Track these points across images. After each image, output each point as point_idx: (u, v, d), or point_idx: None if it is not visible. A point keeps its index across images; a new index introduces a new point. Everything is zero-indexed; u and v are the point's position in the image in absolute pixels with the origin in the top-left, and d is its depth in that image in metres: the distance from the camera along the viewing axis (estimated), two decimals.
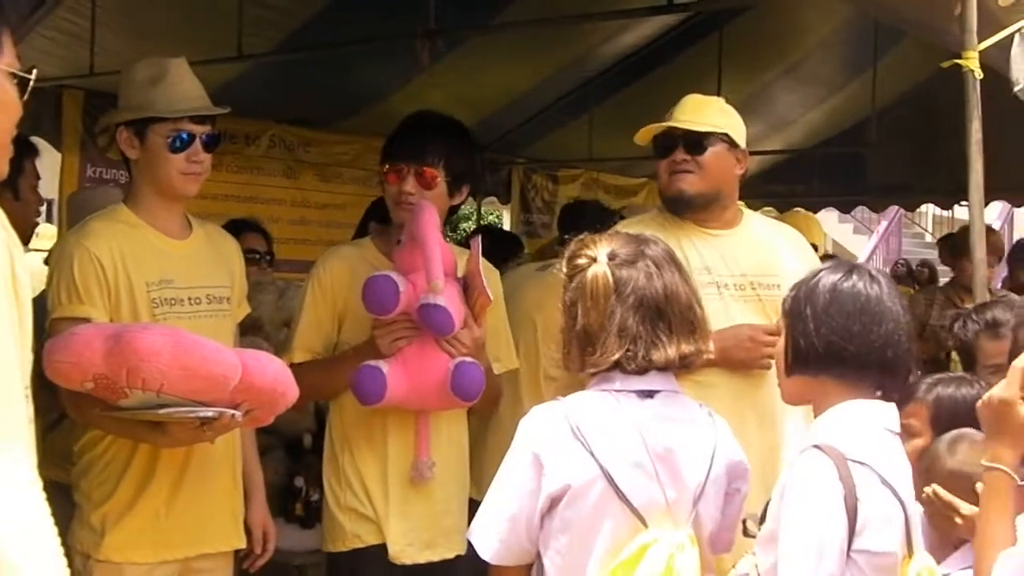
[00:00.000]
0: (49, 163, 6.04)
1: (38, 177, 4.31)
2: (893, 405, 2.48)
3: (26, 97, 2.02)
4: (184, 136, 3.21)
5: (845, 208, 12.73)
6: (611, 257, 2.55)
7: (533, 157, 9.66)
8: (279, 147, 7.87)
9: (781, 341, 2.55)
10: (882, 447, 2.41)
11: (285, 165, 7.93)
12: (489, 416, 4.13)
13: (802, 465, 2.38)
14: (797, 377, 2.51)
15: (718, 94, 7.18)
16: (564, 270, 2.62)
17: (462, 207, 4.11)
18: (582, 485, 2.44)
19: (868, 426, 2.42)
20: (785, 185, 9.64)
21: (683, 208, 3.63)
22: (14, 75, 1.98)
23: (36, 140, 5.27)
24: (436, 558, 3.48)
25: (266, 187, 7.81)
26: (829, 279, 2.49)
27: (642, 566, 2.40)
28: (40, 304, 2.89)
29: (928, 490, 2.72)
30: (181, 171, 3.23)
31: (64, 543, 1.81)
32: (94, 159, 6.88)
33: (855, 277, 2.48)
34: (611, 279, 2.52)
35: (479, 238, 3.53)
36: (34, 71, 2.01)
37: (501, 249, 5.38)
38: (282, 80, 6.87)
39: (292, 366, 3.20)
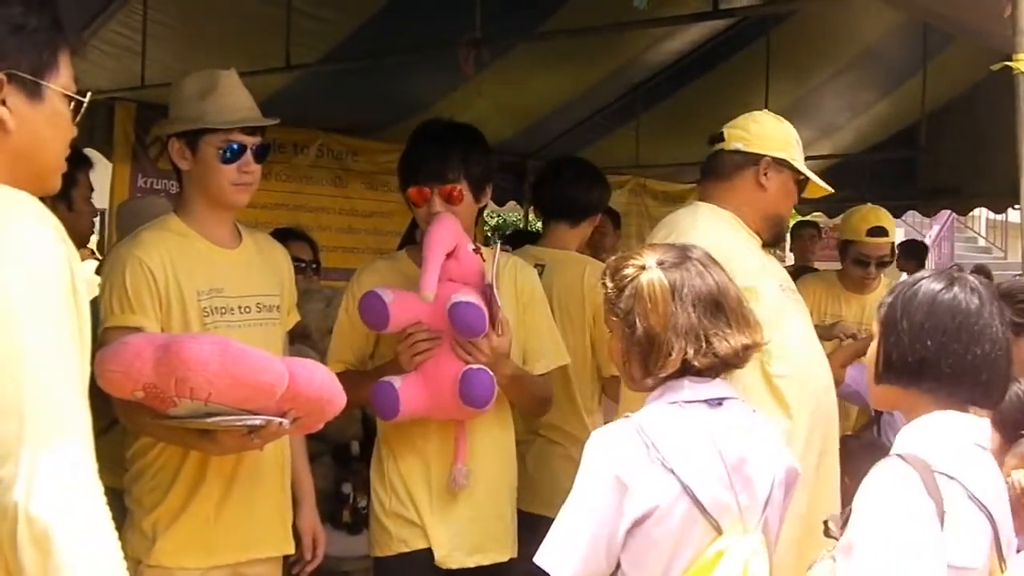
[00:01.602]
0: (100, 174, 6.12)
1: (91, 188, 4.37)
2: (986, 420, 2.41)
3: (79, 118, 2.07)
4: (235, 147, 3.25)
5: (896, 213, 12.54)
6: (660, 263, 2.57)
7: None
8: (327, 156, 7.94)
9: (873, 347, 2.49)
10: (971, 461, 2.34)
11: (333, 174, 8.00)
12: (540, 418, 4.15)
13: (883, 474, 2.32)
14: (886, 386, 2.46)
15: (766, 100, 7.24)
16: (609, 284, 2.63)
17: (510, 214, 4.14)
18: (668, 504, 2.43)
19: (957, 439, 2.36)
20: (834, 190, 9.59)
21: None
22: (69, 97, 2.02)
23: (88, 152, 5.35)
24: (486, 562, 3.51)
25: (315, 195, 7.88)
26: (929, 289, 2.41)
27: (717, 572, 2.41)
28: (92, 313, 2.95)
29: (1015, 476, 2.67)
30: (232, 181, 3.26)
31: None
32: (145, 169, 6.97)
33: (956, 288, 2.39)
34: (666, 282, 2.54)
35: (496, 248, 3.55)
36: (88, 94, 2.05)
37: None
38: (330, 90, 6.93)
39: None
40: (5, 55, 1.93)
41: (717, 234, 3.43)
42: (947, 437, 2.36)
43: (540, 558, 2.49)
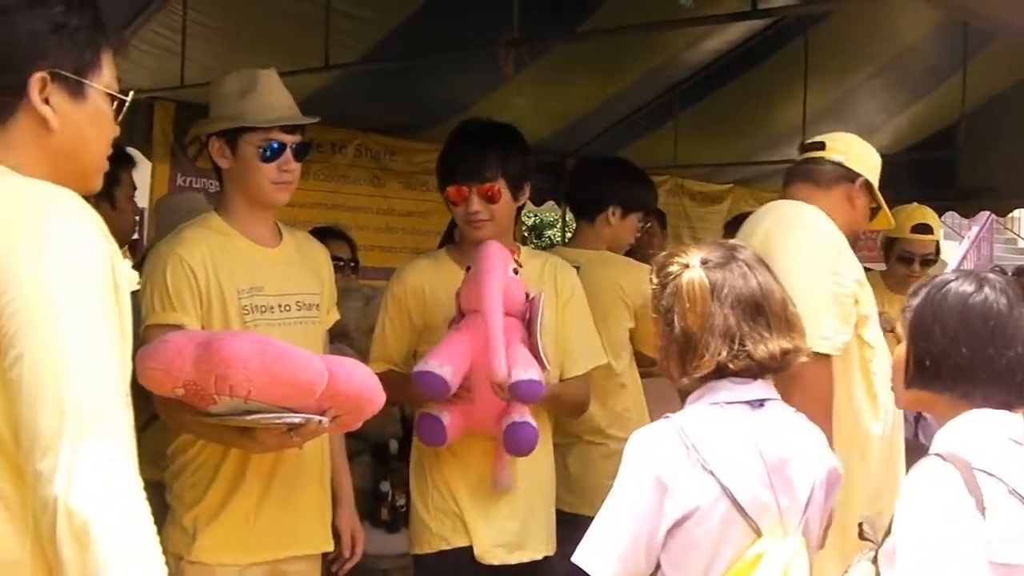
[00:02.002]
0: (140, 173, 6.15)
1: (134, 187, 4.38)
2: (1019, 416, 2.39)
3: (121, 117, 2.08)
4: (275, 146, 3.25)
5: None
6: (704, 262, 2.56)
7: None
8: (365, 156, 7.95)
9: (901, 350, 2.49)
10: (1009, 457, 2.32)
11: (371, 173, 8.01)
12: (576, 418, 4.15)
13: (922, 474, 2.31)
14: (917, 391, 2.45)
15: (804, 100, 7.20)
16: (655, 280, 2.63)
17: (548, 214, 4.14)
18: (708, 505, 2.42)
19: (994, 436, 2.34)
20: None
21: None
22: (112, 96, 2.04)
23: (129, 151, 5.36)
24: (526, 559, 3.53)
25: (352, 195, 7.89)
26: (959, 293, 2.40)
27: (757, 574, 2.39)
28: (134, 310, 2.96)
29: None
30: (272, 180, 3.27)
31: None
32: (184, 168, 7.00)
33: (987, 291, 2.38)
34: (707, 282, 2.52)
35: (541, 297, 3.44)
36: (131, 93, 2.06)
37: None
38: (368, 90, 6.94)
39: None
40: (47, 54, 1.95)
41: (832, 229, 3.47)
42: (985, 435, 2.34)
43: (578, 557, 2.48)
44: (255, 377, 2.75)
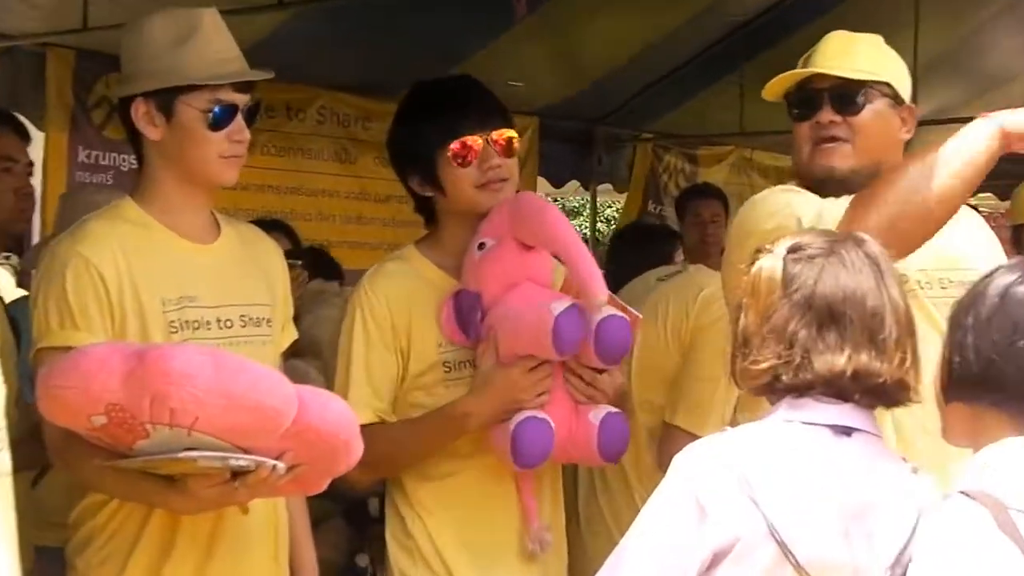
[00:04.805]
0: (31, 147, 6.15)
1: (11, 160, 4.22)
2: None
3: None
4: (224, 109, 3.23)
5: None
6: (792, 250, 2.61)
7: (664, 132, 9.62)
8: (330, 122, 7.97)
9: (939, 360, 2.56)
10: None
11: (338, 145, 8.03)
12: None
13: (946, 515, 2.36)
14: (955, 404, 2.52)
15: (915, 44, 7.18)
16: (744, 269, 2.70)
17: (571, 198, 4.14)
18: (751, 541, 2.48)
19: None
20: (1002, 164, 9.53)
21: (833, 190, 3.43)
22: None
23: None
24: None
25: (313, 174, 7.91)
26: (1002, 280, 2.49)
27: None
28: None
29: None
30: (221, 153, 3.25)
31: None
32: (88, 139, 6.98)
33: None
34: (779, 273, 2.58)
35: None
36: None
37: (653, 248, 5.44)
38: (336, 34, 6.93)
39: None
40: None
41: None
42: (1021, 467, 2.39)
43: None
44: (205, 397, 2.72)
